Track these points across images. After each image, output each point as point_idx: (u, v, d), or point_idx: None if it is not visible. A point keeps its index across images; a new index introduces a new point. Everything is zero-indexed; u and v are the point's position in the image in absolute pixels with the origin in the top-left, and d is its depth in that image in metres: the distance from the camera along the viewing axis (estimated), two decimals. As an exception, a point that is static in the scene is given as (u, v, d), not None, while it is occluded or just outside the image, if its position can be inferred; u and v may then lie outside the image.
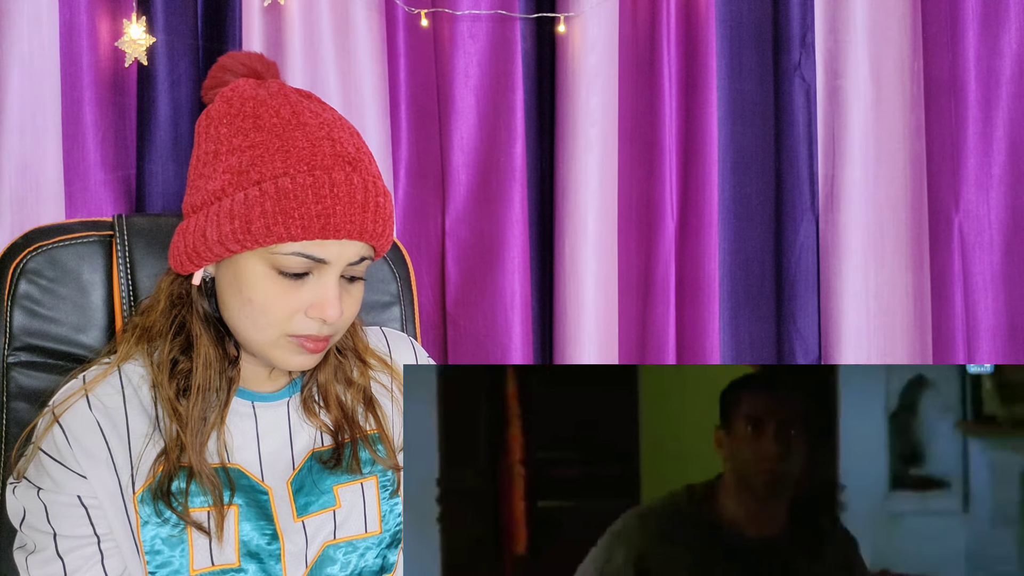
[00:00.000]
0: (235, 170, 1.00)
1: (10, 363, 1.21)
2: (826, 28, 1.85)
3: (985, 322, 1.85)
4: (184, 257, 1.04)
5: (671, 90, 1.80)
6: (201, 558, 1.05)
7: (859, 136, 1.84)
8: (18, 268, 1.21)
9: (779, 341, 1.87)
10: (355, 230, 1.00)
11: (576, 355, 1.79)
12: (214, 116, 1.04)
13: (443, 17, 1.79)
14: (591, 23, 1.78)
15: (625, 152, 1.84)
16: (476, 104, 1.81)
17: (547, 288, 1.86)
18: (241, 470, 1.08)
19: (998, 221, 1.85)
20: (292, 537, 1.09)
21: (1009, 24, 1.83)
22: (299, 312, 1.02)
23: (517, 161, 1.79)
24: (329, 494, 1.11)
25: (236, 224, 0.99)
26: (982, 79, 1.83)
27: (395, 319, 1.37)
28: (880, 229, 1.85)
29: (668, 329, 1.80)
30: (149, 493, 1.04)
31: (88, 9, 1.66)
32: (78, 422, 1.04)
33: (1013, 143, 1.85)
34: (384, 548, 1.13)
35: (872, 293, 1.85)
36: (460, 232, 1.82)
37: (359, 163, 1.01)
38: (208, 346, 1.05)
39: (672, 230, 1.81)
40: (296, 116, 1.01)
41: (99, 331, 1.24)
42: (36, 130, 1.62)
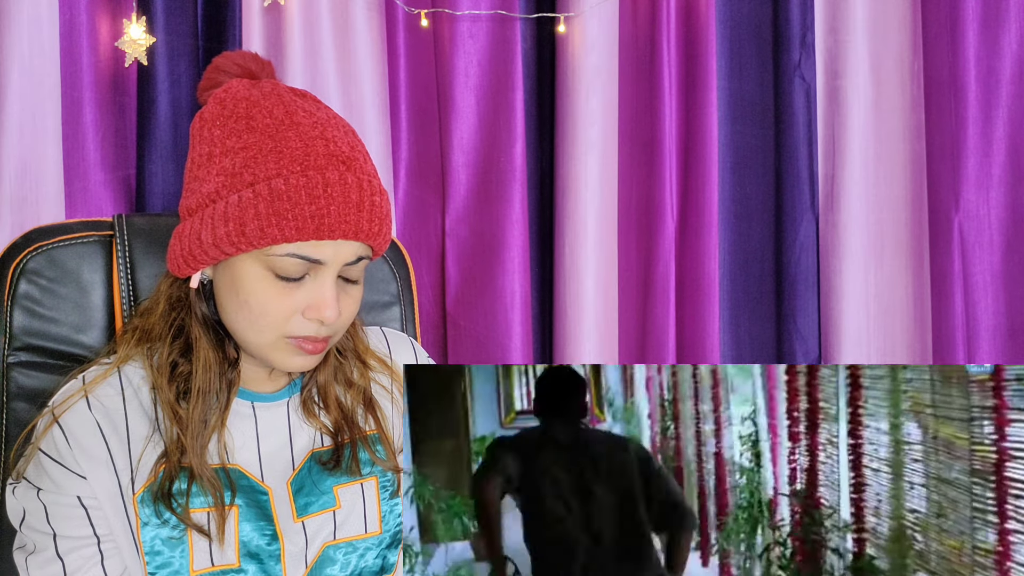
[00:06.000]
0: (228, 172, 1.00)
1: (10, 363, 1.21)
2: (826, 28, 1.85)
3: (985, 322, 1.85)
4: (181, 260, 1.03)
5: (671, 90, 1.80)
6: (201, 559, 1.05)
7: (859, 136, 1.84)
8: (18, 268, 1.21)
9: (779, 341, 1.87)
10: (350, 230, 0.99)
11: (576, 355, 1.79)
12: (208, 118, 1.04)
13: (443, 17, 1.79)
14: (591, 23, 1.78)
15: (625, 152, 1.84)
16: (476, 104, 1.81)
17: (547, 288, 1.86)
18: (241, 471, 1.08)
19: (998, 221, 1.85)
20: (292, 537, 1.09)
21: (1009, 24, 1.83)
22: (296, 314, 1.01)
23: (517, 161, 1.79)
24: (329, 495, 1.11)
25: (230, 226, 0.98)
26: (982, 79, 1.83)
27: (395, 319, 1.37)
28: (880, 229, 1.85)
29: (668, 329, 1.80)
30: (149, 494, 1.04)
31: (88, 9, 1.66)
32: (78, 423, 1.04)
33: (1013, 143, 1.85)
34: (384, 548, 1.14)
35: (872, 293, 1.85)
36: (460, 232, 1.82)
37: (353, 162, 1.01)
38: (207, 349, 1.05)
39: (672, 230, 1.81)
40: (290, 116, 1.01)
41: (99, 331, 1.24)
42: (36, 130, 1.62)
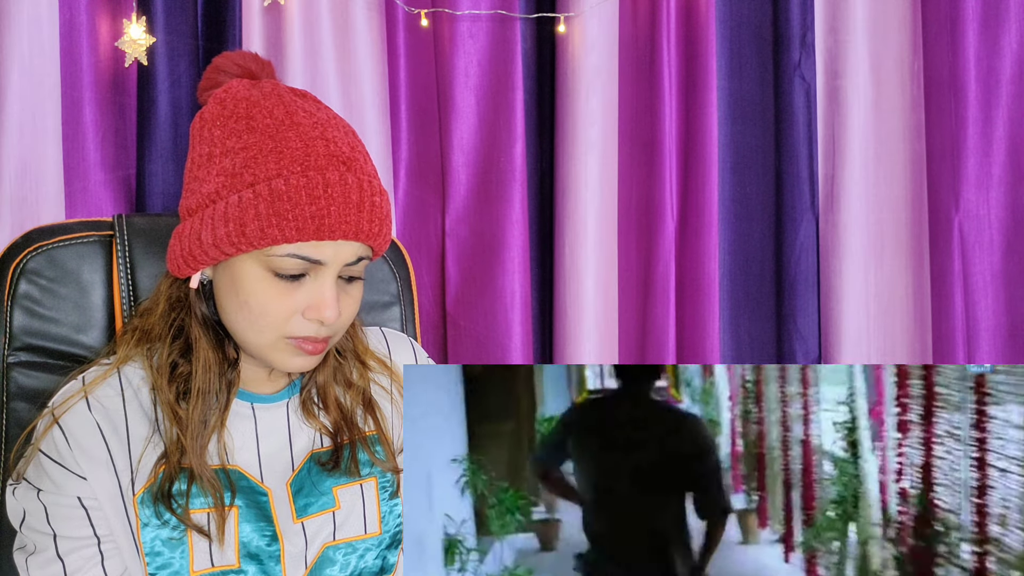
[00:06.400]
0: (229, 172, 1.00)
1: (10, 363, 1.21)
2: (826, 28, 1.85)
3: (985, 322, 1.85)
4: (181, 261, 1.03)
5: (671, 90, 1.80)
6: (201, 559, 1.05)
7: (859, 136, 1.84)
8: (18, 268, 1.21)
9: (779, 341, 1.87)
10: (350, 230, 0.99)
11: (576, 355, 1.79)
12: (208, 118, 1.04)
13: (443, 17, 1.79)
14: (591, 23, 1.78)
15: (625, 152, 1.84)
16: (476, 104, 1.81)
17: (547, 288, 1.86)
18: (241, 471, 1.08)
19: (998, 221, 1.85)
20: (292, 538, 1.09)
21: (1009, 24, 1.83)
22: (296, 314, 1.01)
23: (517, 161, 1.79)
24: (328, 495, 1.11)
25: (230, 227, 0.98)
26: (982, 79, 1.83)
27: (395, 319, 1.37)
28: (880, 229, 1.85)
29: (668, 329, 1.80)
30: (149, 495, 1.04)
31: (88, 9, 1.66)
32: (78, 423, 1.04)
33: (1013, 143, 1.85)
34: (384, 549, 1.13)
35: (872, 293, 1.85)
36: (460, 232, 1.82)
37: (354, 162, 1.01)
38: (207, 349, 1.05)
39: (672, 230, 1.81)
40: (290, 116, 1.01)
41: (99, 331, 1.24)
42: (36, 130, 1.63)
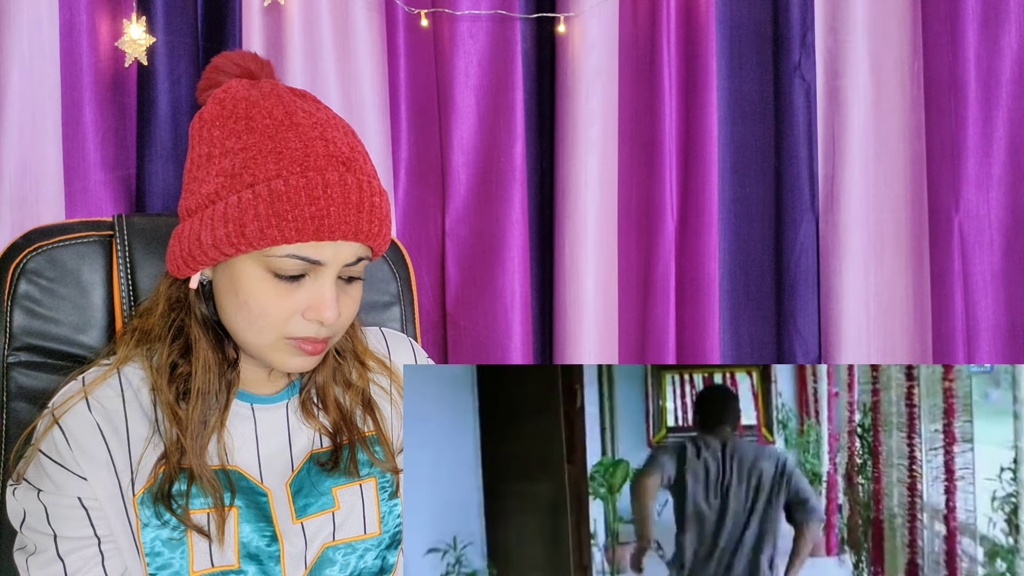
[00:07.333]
0: (228, 173, 1.00)
1: (10, 363, 1.21)
2: (826, 28, 1.85)
3: (985, 322, 1.85)
4: (180, 261, 1.03)
5: (671, 90, 1.80)
6: (201, 560, 1.05)
7: (859, 136, 1.84)
8: (18, 268, 1.21)
9: (779, 341, 1.87)
10: (350, 231, 0.99)
11: (576, 355, 1.79)
12: (207, 118, 1.04)
13: (443, 17, 1.79)
14: (591, 23, 1.78)
15: (625, 152, 1.84)
16: (476, 104, 1.81)
17: (547, 288, 1.86)
18: (240, 472, 1.08)
19: (998, 221, 1.85)
20: (291, 539, 1.09)
21: (1009, 24, 1.83)
22: (296, 314, 1.01)
23: (517, 161, 1.79)
24: (328, 496, 1.11)
25: (230, 227, 0.98)
26: (982, 79, 1.83)
27: (395, 319, 1.37)
28: (880, 229, 1.85)
29: (668, 329, 1.80)
30: (149, 495, 1.04)
31: (88, 9, 1.66)
32: (78, 424, 1.04)
33: (1013, 143, 1.85)
34: (384, 549, 1.14)
35: (872, 293, 1.85)
36: (460, 232, 1.82)
37: (353, 163, 1.01)
38: (207, 350, 1.05)
39: (672, 230, 1.81)
40: (289, 116, 1.01)
41: (99, 331, 1.24)
42: (36, 130, 1.62)
